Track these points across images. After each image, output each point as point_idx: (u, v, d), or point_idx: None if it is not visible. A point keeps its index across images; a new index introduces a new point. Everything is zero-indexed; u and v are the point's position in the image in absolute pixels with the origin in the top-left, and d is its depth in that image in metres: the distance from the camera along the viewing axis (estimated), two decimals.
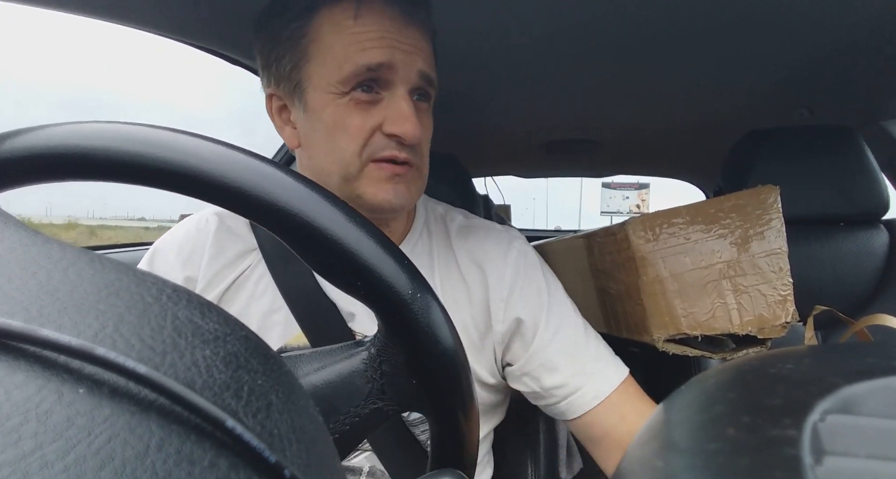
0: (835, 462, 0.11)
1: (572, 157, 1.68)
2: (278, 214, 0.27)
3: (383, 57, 0.57)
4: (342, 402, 0.28)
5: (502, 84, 1.04)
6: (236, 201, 0.27)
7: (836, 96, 1.05)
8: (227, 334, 0.21)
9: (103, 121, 0.27)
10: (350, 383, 0.28)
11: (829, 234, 1.00)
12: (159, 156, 0.26)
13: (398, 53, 0.58)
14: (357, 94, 0.59)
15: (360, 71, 0.58)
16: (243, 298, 0.68)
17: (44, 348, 0.15)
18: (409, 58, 0.59)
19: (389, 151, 0.59)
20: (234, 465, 0.17)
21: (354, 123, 0.59)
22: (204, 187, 0.26)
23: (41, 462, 0.13)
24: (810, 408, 0.13)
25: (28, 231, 0.21)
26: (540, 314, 0.67)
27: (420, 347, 0.29)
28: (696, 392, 0.17)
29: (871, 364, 0.15)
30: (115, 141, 0.26)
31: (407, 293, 0.28)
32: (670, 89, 1.06)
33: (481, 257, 0.68)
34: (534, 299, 0.67)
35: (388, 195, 0.60)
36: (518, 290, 0.67)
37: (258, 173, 0.27)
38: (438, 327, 0.29)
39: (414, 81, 0.60)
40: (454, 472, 0.31)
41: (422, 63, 0.60)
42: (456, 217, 0.75)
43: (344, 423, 0.28)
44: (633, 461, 0.16)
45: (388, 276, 0.28)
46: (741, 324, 0.73)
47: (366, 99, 0.59)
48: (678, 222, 0.73)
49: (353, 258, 0.27)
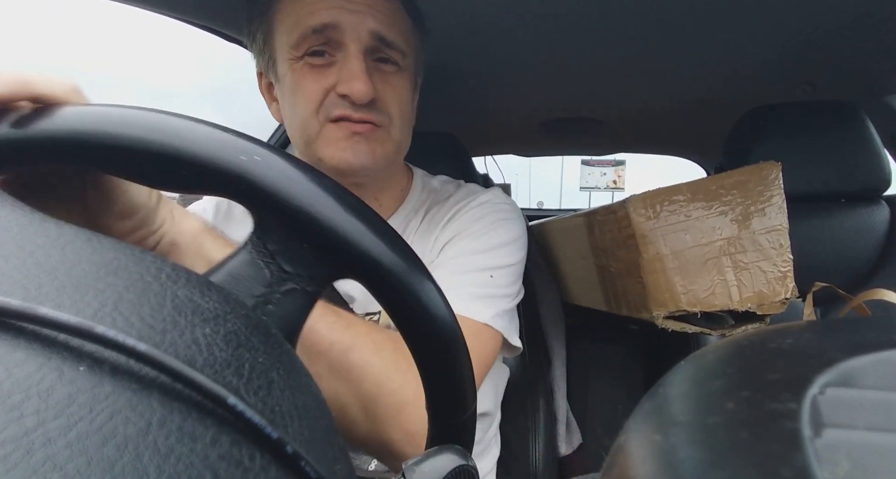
0: (834, 434, 0.11)
1: (573, 135, 1.67)
2: (255, 190, 0.26)
3: (328, 18, 0.57)
4: (248, 295, 0.27)
5: (502, 62, 1.03)
6: (211, 179, 0.26)
7: (840, 72, 1.04)
8: (227, 312, 0.21)
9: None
10: (244, 274, 0.27)
11: (829, 210, 0.99)
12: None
13: (345, 14, 0.57)
14: (310, 58, 0.59)
15: (306, 33, 0.58)
16: None
17: (43, 326, 0.15)
18: (357, 18, 0.58)
19: (342, 109, 0.59)
20: (236, 441, 0.17)
21: (309, 87, 0.59)
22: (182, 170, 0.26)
23: (44, 439, 0.13)
24: (810, 382, 0.13)
25: (24, 209, 0.21)
26: (452, 243, 0.65)
27: (414, 319, 0.29)
28: (695, 368, 0.17)
29: (871, 338, 0.15)
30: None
31: (395, 266, 0.28)
32: (672, 67, 1.05)
33: (455, 216, 0.68)
34: (465, 225, 0.66)
35: (345, 154, 0.59)
36: (452, 225, 0.67)
37: (225, 145, 0.26)
38: (431, 300, 0.29)
39: (365, 40, 0.59)
40: (455, 448, 0.32)
41: (374, 23, 0.59)
42: (448, 188, 0.75)
43: (264, 314, 0.27)
44: (632, 436, 0.16)
45: (372, 249, 0.27)
46: (741, 300, 0.73)
47: (319, 62, 0.59)
48: (679, 200, 0.73)
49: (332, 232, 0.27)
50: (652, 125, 1.53)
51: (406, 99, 0.64)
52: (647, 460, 0.14)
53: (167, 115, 0.26)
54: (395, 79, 0.62)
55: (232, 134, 0.27)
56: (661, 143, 1.84)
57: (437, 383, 0.32)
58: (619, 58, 1.00)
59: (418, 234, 0.69)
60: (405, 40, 0.63)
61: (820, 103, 1.01)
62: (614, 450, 0.16)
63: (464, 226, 0.66)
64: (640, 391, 1.38)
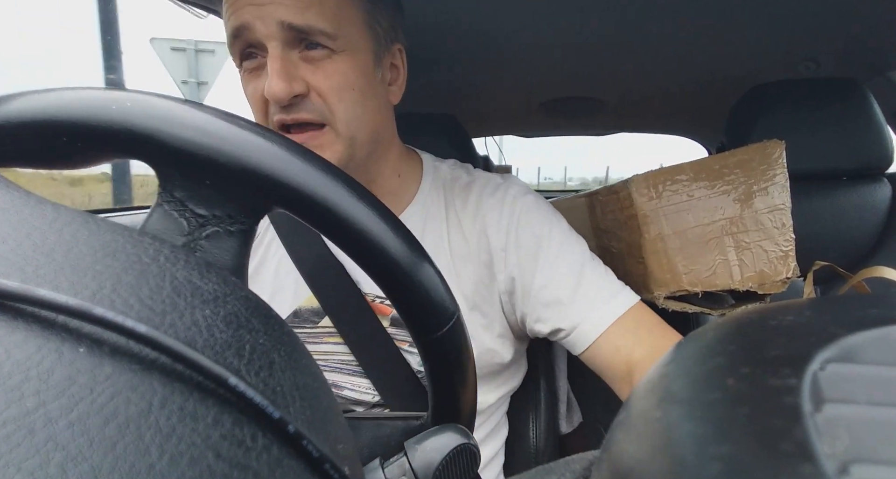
0: (834, 409, 0.11)
1: (574, 115, 1.66)
2: (280, 188, 0.26)
3: (238, 20, 0.54)
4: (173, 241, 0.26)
5: (501, 43, 1.02)
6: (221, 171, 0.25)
7: (843, 48, 1.03)
8: (226, 294, 0.21)
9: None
10: (162, 228, 0.26)
11: (831, 188, 0.99)
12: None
13: (250, 11, 0.53)
14: (246, 63, 0.57)
15: (231, 42, 0.56)
16: (254, 263, 0.69)
17: (41, 308, 0.15)
18: (263, 11, 0.53)
19: (278, 115, 0.55)
20: (238, 421, 0.17)
21: (249, 94, 0.57)
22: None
23: (45, 419, 0.13)
24: (810, 358, 0.13)
25: (20, 191, 0.21)
26: (538, 257, 0.65)
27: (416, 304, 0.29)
28: (695, 345, 0.17)
29: (872, 315, 0.15)
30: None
31: (401, 254, 0.28)
32: (673, 45, 1.03)
33: (481, 211, 0.68)
34: (531, 243, 0.66)
35: None
36: (514, 237, 0.66)
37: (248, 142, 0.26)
38: (432, 286, 0.29)
39: (276, 34, 0.54)
40: (456, 426, 0.32)
41: (282, 12, 0.53)
42: (460, 176, 0.73)
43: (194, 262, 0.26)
44: (632, 413, 0.16)
45: (380, 237, 0.27)
46: (742, 280, 0.73)
47: (251, 66, 0.57)
48: (681, 179, 0.73)
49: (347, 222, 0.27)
50: (653, 104, 1.52)
51: (350, 84, 0.57)
52: (647, 436, 0.14)
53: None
54: (327, 66, 0.56)
55: (97, 90, 0.25)
56: (663, 122, 1.83)
57: (434, 351, 0.32)
58: (618, 36, 0.99)
59: (441, 221, 0.68)
60: (331, 19, 0.55)
61: (822, 80, 0.99)
62: (614, 427, 0.16)
63: (531, 227, 0.66)
64: None
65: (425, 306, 0.29)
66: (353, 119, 0.58)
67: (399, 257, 0.28)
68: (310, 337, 0.66)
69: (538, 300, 0.65)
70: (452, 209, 0.69)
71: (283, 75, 0.53)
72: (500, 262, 0.66)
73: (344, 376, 0.66)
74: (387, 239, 0.28)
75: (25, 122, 0.24)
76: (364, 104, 0.59)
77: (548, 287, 0.65)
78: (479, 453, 0.32)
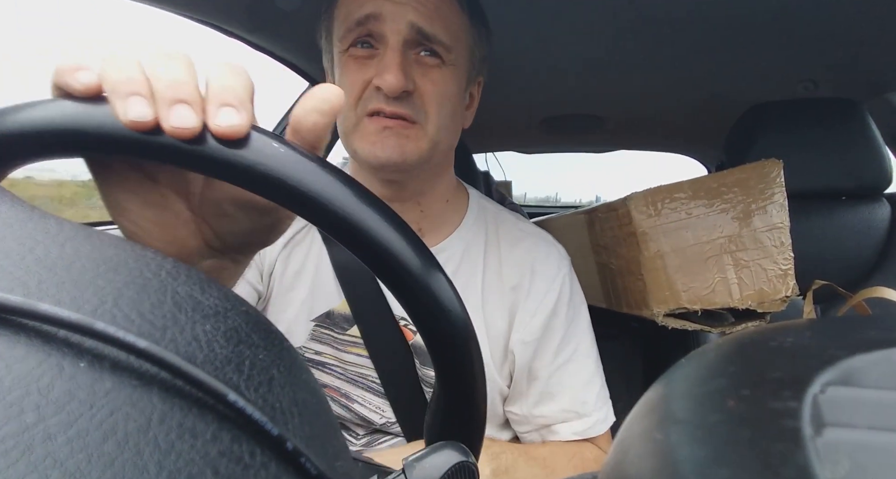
0: (835, 433, 0.11)
1: (574, 132, 1.67)
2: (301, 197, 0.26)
3: (371, 8, 0.57)
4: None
5: (505, 61, 1.03)
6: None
7: (842, 69, 1.04)
8: (227, 309, 0.21)
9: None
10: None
11: (830, 208, 0.99)
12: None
13: (388, 5, 0.57)
14: (354, 50, 0.59)
15: (351, 26, 0.58)
16: (297, 262, 0.68)
17: (43, 322, 0.15)
18: (399, 9, 0.57)
19: (377, 103, 0.58)
20: (236, 438, 0.17)
21: (350, 79, 0.59)
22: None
23: (44, 435, 0.13)
24: (811, 380, 0.13)
25: (24, 206, 0.21)
26: (558, 342, 0.66)
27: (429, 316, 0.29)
28: (696, 365, 0.17)
29: (872, 336, 0.15)
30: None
31: (415, 266, 0.28)
32: (674, 65, 1.04)
33: (531, 268, 0.67)
34: (560, 327, 0.66)
35: (374, 148, 0.59)
36: (549, 310, 0.66)
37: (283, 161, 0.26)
38: (446, 298, 0.29)
39: (404, 33, 0.57)
40: (456, 444, 0.32)
41: (415, 15, 0.57)
42: (507, 219, 0.73)
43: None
44: (633, 434, 0.16)
45: (397, 251, 0.27)
46: (741, 298, 0.73)
47: (362, 54, 0.59)
48: (680, 197, 0.73)
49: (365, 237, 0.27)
50: (653, 122, 1.53)
51: (449, 95, 0.62)
52: (648, 457, 0.14)
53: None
54: (436, 73, 0.60)
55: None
56: (663, 140, 1.84)
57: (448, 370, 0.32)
58: (621, 55, 1.00)
59: (478, 256, 0.68)
60: (451, 35, 0.60)
61: (821, 100, 1.00)
62: (614, 447, 0.16)
63: (555, 316, 0.66)
64: (640, 388, 1.38)
65: (431, 308, 0.29)
66: (442, 126, 0.61)
67: (405, 258, 0.28)
68: (336, 342, 0.66)
69: (536, 383, 0.66)
70: (494, 248, 0.69)
71: (402, 71, 0.57)
72: (523, 321, 0.66)
73: (359, 390, 0.66)
74: (389, 238, 0.28)
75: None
76: (453, 116, 0.64)
77: (552, 378, 0.66)
78: (478, 472, 0.31)
